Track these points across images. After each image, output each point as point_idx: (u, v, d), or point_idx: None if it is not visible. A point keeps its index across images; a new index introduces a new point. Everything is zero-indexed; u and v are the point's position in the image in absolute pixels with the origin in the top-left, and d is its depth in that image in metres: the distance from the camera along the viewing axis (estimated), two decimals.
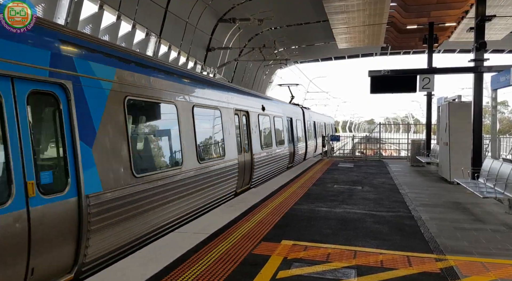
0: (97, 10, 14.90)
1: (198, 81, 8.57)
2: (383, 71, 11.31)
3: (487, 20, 10.84)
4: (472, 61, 10.99)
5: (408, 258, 4.88)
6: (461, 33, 20.67)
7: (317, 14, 23.99)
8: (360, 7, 19.21)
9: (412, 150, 17.15)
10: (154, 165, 6.67)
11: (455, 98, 12.98)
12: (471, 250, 5.26)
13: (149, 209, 5.89)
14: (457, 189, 10.09)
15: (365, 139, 26.59)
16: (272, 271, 4.43)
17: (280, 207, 7.79)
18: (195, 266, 4.56)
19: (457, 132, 11.22)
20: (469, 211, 7.67)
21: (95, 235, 4.73)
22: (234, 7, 22.74)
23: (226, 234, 5.85)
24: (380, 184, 11.13)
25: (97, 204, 4.75)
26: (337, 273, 4.38)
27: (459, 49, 33.28)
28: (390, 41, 26.47)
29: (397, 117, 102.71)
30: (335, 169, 14.77)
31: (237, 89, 11.73)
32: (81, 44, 4.92)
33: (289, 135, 17.03)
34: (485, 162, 9.22)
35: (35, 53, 4.14)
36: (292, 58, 37.71)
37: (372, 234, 6.00)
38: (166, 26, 18.80)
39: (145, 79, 6.19)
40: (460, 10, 17.41)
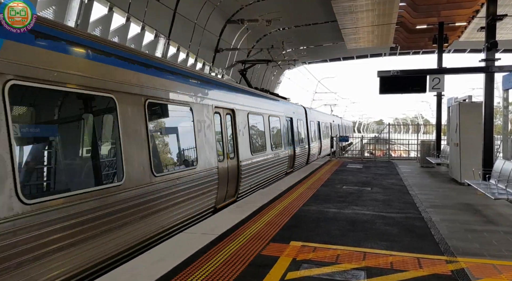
0: (106, 12, 15.04)
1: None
2: (392, 71, 11.23)
3: (498, 19, 10.73)
4: (483, 61, 10.88)
5: (419, 260, 4.83)
6: (472, 33, 20.50)
7: (325, 14, 23.94)
8: (369, 7, 19.15)
9: (422, 151, 16.98)
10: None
11: (466, 98, 12.86)
12: (483, 252, 5.19)
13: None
14: (468, 190, 9.98)
15: (374, 140, 26.42)
16: (281, 272, 4.42)
17: (288, 208, 7.77)
18: (204, 267, 4.56)
19: (467, 133, 11.09)
20: (480, 213, 7.57)
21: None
22: (242, 8, 22.79)
23: (234, 235, 5.85)
24: (389, 185, 11.05)
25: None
26: (347, 275, 4.35)
27: (470, 49, 32.94)
28: (399, 41, 26.33)
29: (407, 117, 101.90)
30: (344, 170, 14.70)
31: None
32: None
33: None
34: (497, 163, 9.11)
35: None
36: (300, 58, 37.68)
37: (382, 235, 5.95)
38: (175, 27, 18.89)
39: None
40: (470, 9, 17.26)
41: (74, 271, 4.29)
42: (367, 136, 37.28)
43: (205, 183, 7.59)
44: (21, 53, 3.89)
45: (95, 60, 4.99)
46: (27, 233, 3.70)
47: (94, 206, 4.62)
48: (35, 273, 3.78)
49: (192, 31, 20.77)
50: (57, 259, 4.05)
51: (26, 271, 3.68)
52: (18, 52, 3.85)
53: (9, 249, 3.51)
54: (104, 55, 5.16)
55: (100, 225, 4.69)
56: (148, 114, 5.89)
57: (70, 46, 4.59)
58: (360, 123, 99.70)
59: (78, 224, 4.34)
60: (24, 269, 3.66)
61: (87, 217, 4.48)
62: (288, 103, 17.65)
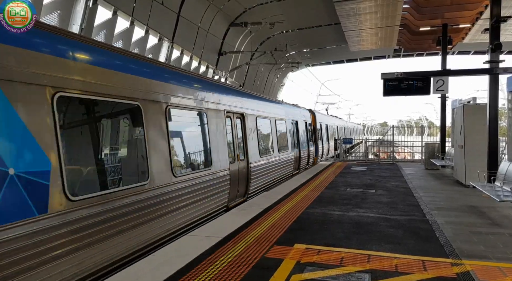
0: (111, 16, 15.12)
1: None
2: (396, 73, 11.22)
3: (503, 21, 10.69)
4: (487, 62, 10.84)
5: (423, 263, 4.81)
6: (476, 35, 20.41)
7: (328, 17, 23.94)
8: (372, 10, 19.13)
9: (426, 153, 16.91)
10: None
11: (470, 100, 12.79)
12: (488, 255, 5.16)
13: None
14: (472, 192, 9.93)
15: (378, 142, 26.37)
16: (285, 275, 4.41)
17: (292, 211, 7.76)
18: (207, 269, 4.57)
19: (472, 135, 11.04)
20: (485, 215, 7.53)
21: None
22: (245, 11, 22.83)
23: (238, 238, 5.85)
24: (394, 187, 11.01)
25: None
26: (351, 278, 4.34)
27: (474, 51, 32.81)
28: (403, 43, 26.24)
29: (411, 119, 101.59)
30: (348, 173, 14.67)
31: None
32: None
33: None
34: (502, 165, 9.06)
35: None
36: (304, 61, 37.65)
37: (386, 238, 5.93)
38: (179, 31, 18.96)
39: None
40: (474, 11, 17.18)
41: (110, 260, 4.91)
42: (371, 138, 37.22)
43: (218, 183, 8.15)
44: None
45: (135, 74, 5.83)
46: (73, 225, 4.32)
47: (126, 202, 5.22)
48: (78, 261, 4.38)
49: (196, 34, 20.84)
50: (99, 247, 4.70)
51: (73, 258, 4.31)
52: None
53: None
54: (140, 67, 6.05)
55: (131, 220, 5.31)
56: (168, 119, 6.48)
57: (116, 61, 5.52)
58: (364, 125, 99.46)
59: (115, 217, 4.98)
60: (72, 256, 4.29)
61: (120, 211, 5.10)
62: (293, 106, 18.10)
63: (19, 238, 3.68)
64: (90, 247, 4.55)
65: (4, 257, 3.53)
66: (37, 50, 4.14)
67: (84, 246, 4.45)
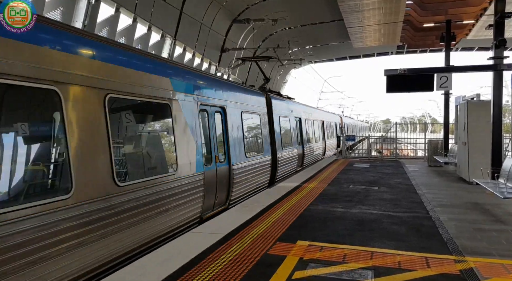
0: (113, 13, 15.12)
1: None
2: (399, 70, 11.14)
3: (507, 16, 10.61)
4: (491, 59, 10.77)
5: (427, 259, 4.81)
6: (480, 31, 20.31)
7: (331, 13, 23.86)
8: (376, 6, 19.05)
9: (429, 150, 16.85)
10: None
11: (474, 97, 12.73)
12: (491, 252, 5.15)
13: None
14: (476, 189, 9.90)
15: (381, 139, 26.30)
16: (288, 271, 4.42)
17: (295, 208, 7.76)
18: (210, 266, 4.58)
19: (475, 132, 11.00)
20: (489, 212, 7.51)
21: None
22: (248, 7, 22.78)
23: (241, 234, 5.85)
24: (396, 184, 10.99)
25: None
26: (354, 274, 4.34)
27: (478, 47, 32.65)
28: (406, 40, 26.17)
29: (414, 116, 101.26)
30: (351, 170, 14.65)
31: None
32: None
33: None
34: (505, 162, 9.01)
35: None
36: (307, 58, 37.58)
37: (389, 235, 5.93)
38: (181, 27, 18.95)
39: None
40: (478, 7, 17.10)
41: (148, 239, 5.58)
42: (374, 135, 37.20)
43: (187, 191, 6.73)
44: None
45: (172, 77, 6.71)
46: (119, 206, 5.01)
47: (157, 190, 5.84)
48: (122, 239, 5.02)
49: (198, 31, 20.82)
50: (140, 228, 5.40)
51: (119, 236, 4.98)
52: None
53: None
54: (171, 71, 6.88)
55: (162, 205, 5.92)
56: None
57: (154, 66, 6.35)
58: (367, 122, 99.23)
59: (151, 202, 5.68)
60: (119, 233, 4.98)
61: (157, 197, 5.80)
62: (297, 103, 17.93)
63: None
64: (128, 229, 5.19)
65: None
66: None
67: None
